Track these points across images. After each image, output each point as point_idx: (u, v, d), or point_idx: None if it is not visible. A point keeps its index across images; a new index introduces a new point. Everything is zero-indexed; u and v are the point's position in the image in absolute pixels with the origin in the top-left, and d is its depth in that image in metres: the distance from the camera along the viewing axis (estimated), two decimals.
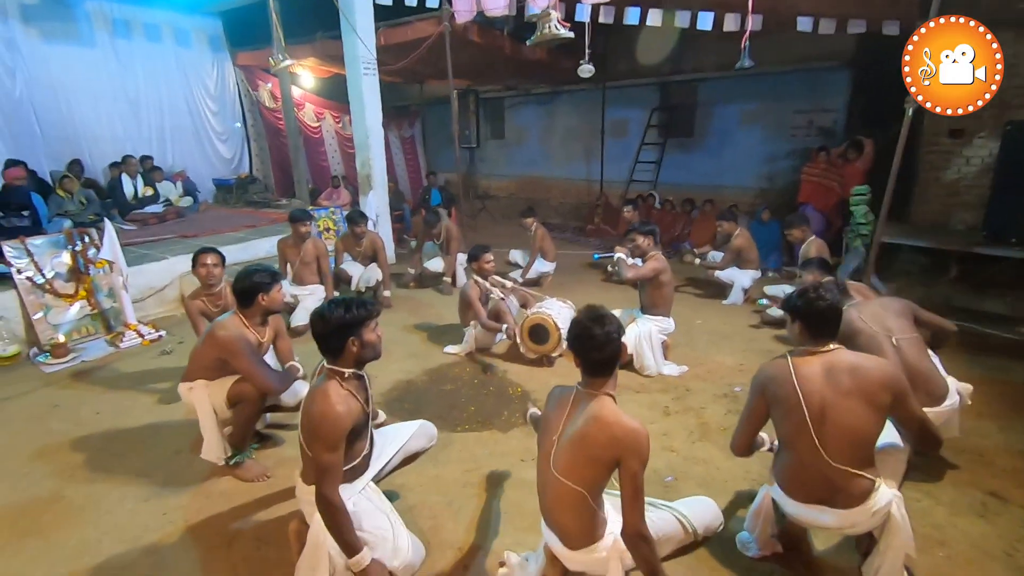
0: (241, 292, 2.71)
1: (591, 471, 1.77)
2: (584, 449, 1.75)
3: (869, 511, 1.96)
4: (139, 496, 2.67)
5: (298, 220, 4.80)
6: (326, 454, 1.93)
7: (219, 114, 9.36)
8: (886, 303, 2.78)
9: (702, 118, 9.96)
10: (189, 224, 7.07)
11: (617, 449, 1.71)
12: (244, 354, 2.60)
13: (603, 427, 1.74)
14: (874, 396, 1.91)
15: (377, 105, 6.83)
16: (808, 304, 2.00)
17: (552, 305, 4.20)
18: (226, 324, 2.69)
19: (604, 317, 1.80)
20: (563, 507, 1.81)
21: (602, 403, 1.79)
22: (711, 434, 3.19)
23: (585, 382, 1.85)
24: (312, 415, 1.95)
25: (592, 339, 1.77)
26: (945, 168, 6.45)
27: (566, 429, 1.84)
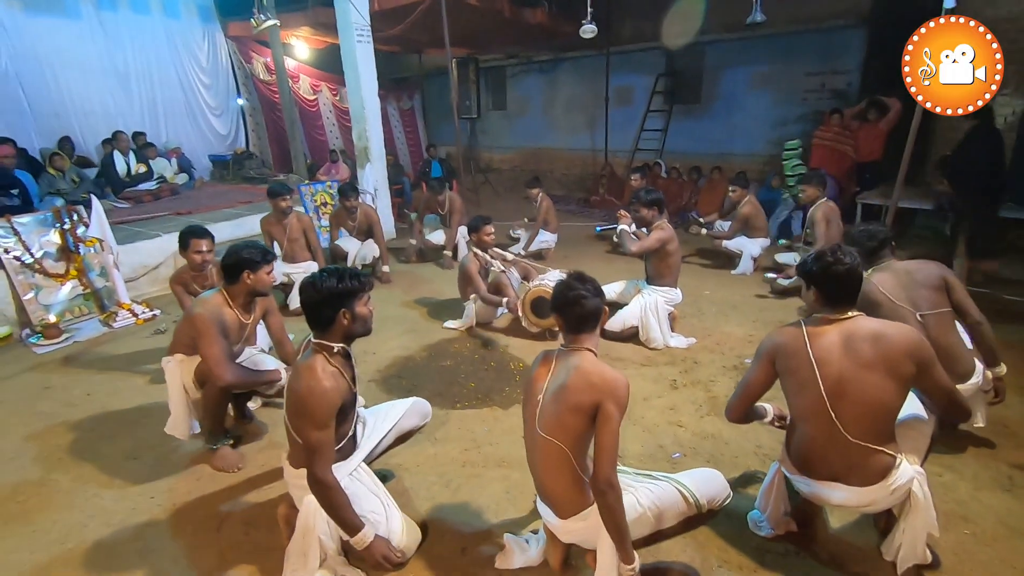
0: (227, 267, 2.55)
1: (572, 421, 1.70)
2: (564, 400, 1.71)
3: (888, 488, 1.83)
4: (127, 478, 2.58)
5: (277, 195, 4.53)
6: (315, 432, 1.82)
7: (212, 88, 9.12)
8: (913, 270, 2.53)
9: (709, 83, 9.62)
10: (184, 201, 6.92)
11: (595, 394, 1.66)
12: (209, 336, 2.44)
13: (581, 375, 1.70)
14: (897, 366, 1.76)
15: (372, 74, 6.59)
16: (825, 269, 1.84)
17: (555, 277, 4.04)
18: (206, 301, 2.55)
19: (583, 276, 1.83)
20: (550, 469, 1.77)
21: (582, 356, 1.76)
22: (720, 408, 3.06)
23: (567, 340, 1.82)
24: (298, 392, 1.84)
25: (570, 295, 1.77)
26: (961, 130, 6.16)
27: (548, 387, 1.77)
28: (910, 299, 2.44)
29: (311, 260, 4.76)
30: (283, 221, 4.60)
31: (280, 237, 4.62)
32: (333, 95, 10.44)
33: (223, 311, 2.56)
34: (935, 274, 2.49)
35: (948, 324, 2.47)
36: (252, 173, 8.64)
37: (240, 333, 2.66)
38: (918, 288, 2.45)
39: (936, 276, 2.48)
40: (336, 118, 10.58)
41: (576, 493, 1.75)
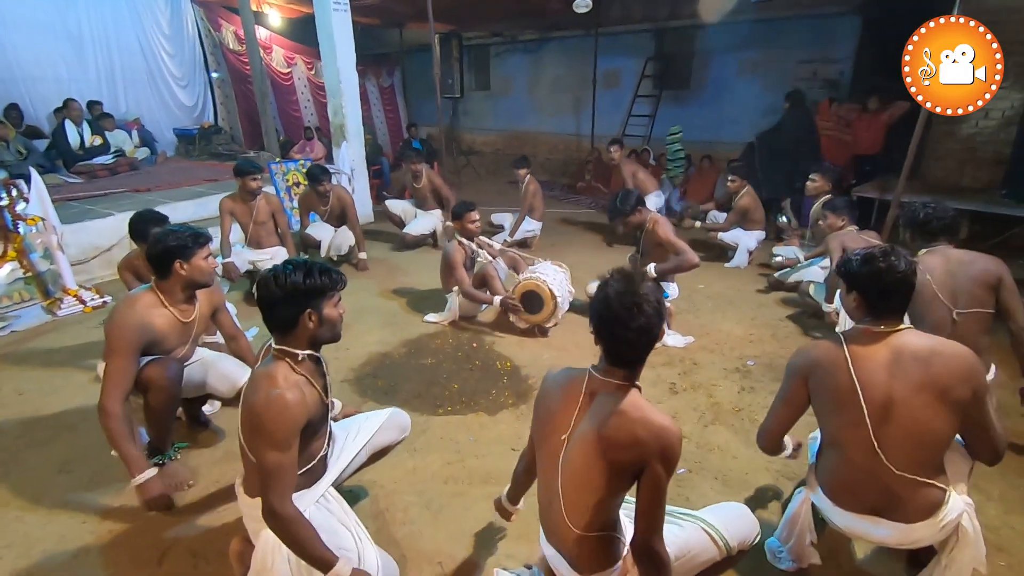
0: (154, 259, 2.17)
1: (608, 479, 1.37)
2: (600, 452, 1.35)
3: (938, 525, 1.61)
4: (56, 497, 2.24)
5: (246, 173, 4.10)
6: (272, 453, 1.51)
7: (176, 56, 8.52)
8: (968, 261, 2.30)
9: (699, 68, 9.37)
10: (143, 177, 6.43)
11: (640, 451, 1.32)
12: (116, 352, 2.06)
13: (625, 425, 1.33)
14: (951, 390, 1.52)
15: (350, 45, 6.16)
16: (874, 274, 1.58)
17: (546, 269, 3.76)
18: (132, 302, 2.16)
19: (639, 293, 1.33)
20: (574, 525, 1.43)
21: (625, 394, 1.38)
22: (724, 415, 2.84)
23: (604, 368, 1.43)
24: (254, 406, 1.52)
25: (623, 325, 1.32)
26: (962, 122, 6.02)
27: (577, 427, 1.43)
28: (952, 292, 2.25)
29: (279, 246, 4.39)
30: (250, 202, 4.20)
31: (245, 220, 4.22)
32: (309, 69, 9.91)
33: (152, 315, 2.17)
34: (991, 271, 2.28)
35: (982, 326, 2.27)
36: (220, 149, 8.14)
37: (183, 335, 2.30)
38: (965, 282, 2.25)
39: (991, 273, 2.27)
40: (312, 93, 10.06)
41: (604, 551, 1.45)
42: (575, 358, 3.44)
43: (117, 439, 2.01)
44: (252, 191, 4.12)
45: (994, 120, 5.85)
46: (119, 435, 2.01)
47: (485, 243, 3.97)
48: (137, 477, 2.00)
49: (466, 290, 3.68)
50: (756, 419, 2.80)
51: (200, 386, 2.38)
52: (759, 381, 3.15)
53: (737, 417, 2.82)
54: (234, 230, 4.26)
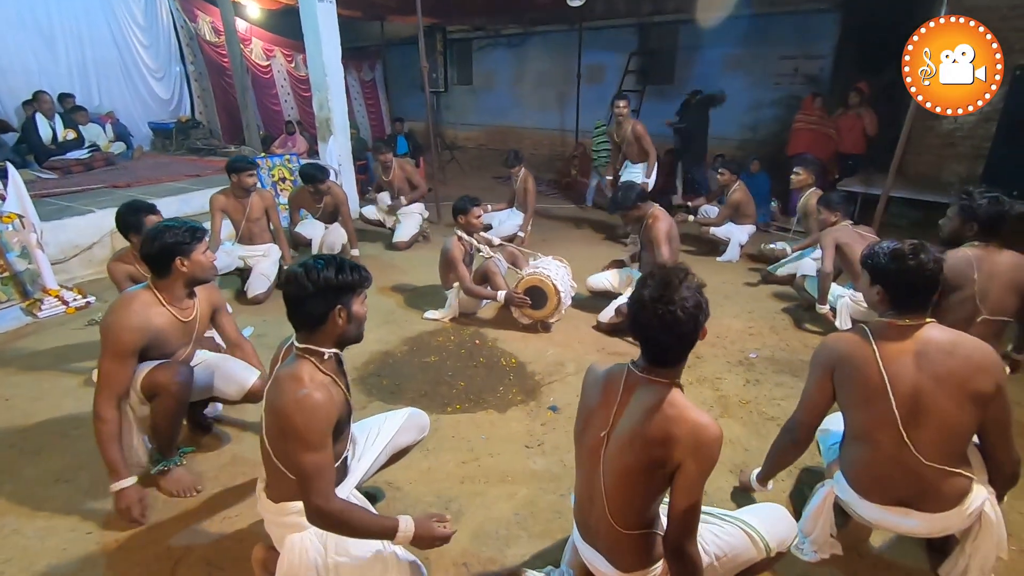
0: (151, 258, 2.08)
1: (648, 479, 1.37)
2: (637, 450, 1.35)
3: (964, 513, 1.64)
4: (56, 507, 2.14)
5: (242, 170, 3.98)
6: (309, 455, 1.46)
7: (151, 48, 8.24)
8: (1012, 266, 2.28)
9: (683, 64, 9.43)
10: (120, 173, 6.21)
11: (676, 449, 1.31)
12: (113, 355, 1.98)
13: (663, 422, 1.32)
14: (974, 382, 1.54)
15: (335, 37, 6.03)
16: (902, 270, 1.59)
17: (548, 264, 3.73)
18: (130, 301, 2.07)
19: (674, 299, 1.29)
20: (617, 523, 1.41)
21: (666, 393, 1.36)
22: (733, 408, 2.86)
23: (643, 365, 1.41)
24: (283, 408, 1.47)
25: (657, 329, 1.30)
26: (942, 117, 6.15)
27: (617, 424, 1.41)
28: (985, 295, 2.26)
29: (271, 242, 4.28)
30: (243, 199, 4.07)
31: (238, 217, 4.09)
32: (288, 62, 9.70)
33: (151, 314, 2.08)
34: None
35: (999, 332, 2.31)
36: (199, 144, 7.91)
37: (184, 335, 2.22)
38: (1000, 287, 2.27)
39: None
40: (292, 87, 9.85)
41: (645, 547, 1.45)
42: (578, 354, 3.43)
43: (104, 443, 1.97)
44: (247, 187, 4.01)
45: (973, 116, 5.99)
46: (107, 439, 1.97)
47: (484, 239, 3.93)
48: (116, 483, 1.98)
49: (468, 286, 3.63)
50: (763, 411, 2.83)
51: (206, 389, 2.29)
52: (763, 373, 3.18)
53: (745, 410, 2.85)
54: (224, 227, 4.13)
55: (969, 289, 2.27)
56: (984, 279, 2.28)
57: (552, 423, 2.72)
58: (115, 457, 1.97)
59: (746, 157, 7.33)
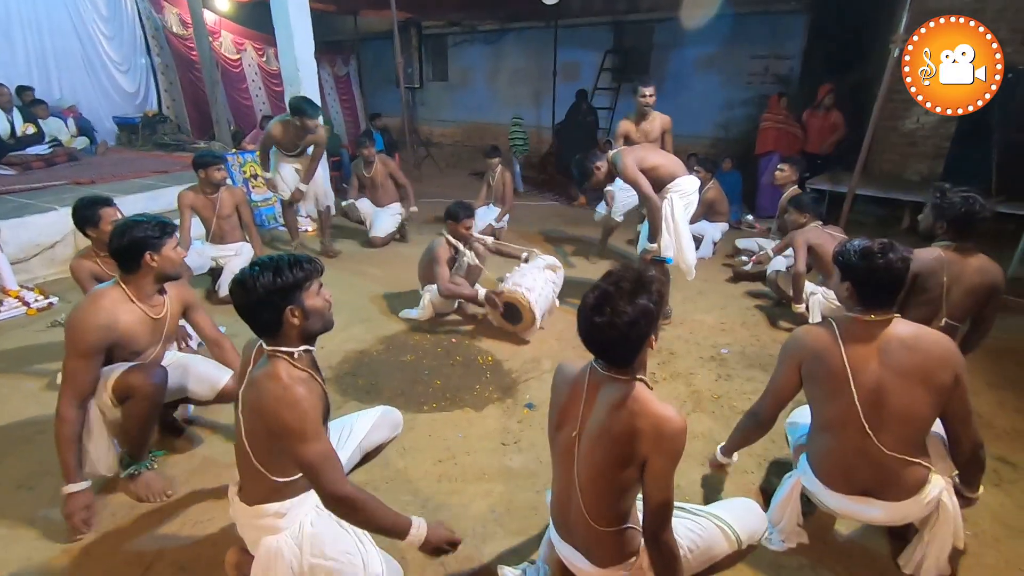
0: (121, 254, 2.03)
1: (620, 475, 1.39)
2: (605, 448, 1.38)
3: (923, 502, 1.71)
4: (18, 515, 2.08)
5: (209, 165, 3.88)
6: (310, 446, 1.45)
7: (115, 39, 7.99)
8: (981, 269, 2.30)
9: (658, 62, 9.51)
10: (84, 168, 6.01)
11: (643, 443, 1.34)
12: (75, 351, 1.94)
13: (627, 418, 1.35)
14: (934, 375, 1.61)
15: (308, 31, 5.92)
16: (870, 267, 1.64)
17: (535, 276, 3.61)
18: (97, 299, 2.02)
19: (618, 303, 1.30)
20: (594, 521, 1.44)
21: (628, 388, 1.39)
22: (704, 403, 2.92)
23: (605, 364, 1.44)
24: (268, 407, 1.45)
25: (598, 337, 1.34)
26: (904, 117, 6.36)
27: (586, 423, 1.44)
28: (950, 299, 2.32)
29: (243, 240, 4.20)
30: (212, 195, 3.97)
31: (208, 214, 3.99)
32: (259, 56, 9.49)
33: (119, 312, 2.03)
34: (989, 283, 2.30)
35: (957, 335, 2.39)
36: (167, 139, 7.70)
37: (155, 334, 2.17)
38: (963, 291, 2.32)
39: (990, 286, 2.31)
40: (263, 81, 9.64)
41: (622, 542, 1.47)
42: (555, 350, 3.45)
43: (62, 444, 1.94)
44: (216, 183, 3.91)
45: (934, 116, 6.17)
46: (65, 440, 1.94)
47: (478, 239, 3.87)
48: (68, 487, 1.95)
49: (446, 287, 3.60)
50: (734, 406, 2.89)
51: (178, 390, 2.24)
52: (734, 369, 3.25)
53: (717, 404, 2.91)
54: (195, 225, 4.04)
55: (936, 291, 2.32)
56: (951, 282, 2.32)
57: (529, 420, 2.74)
58: (71, 459, 1.93)
59: (719, 155, 7.45)
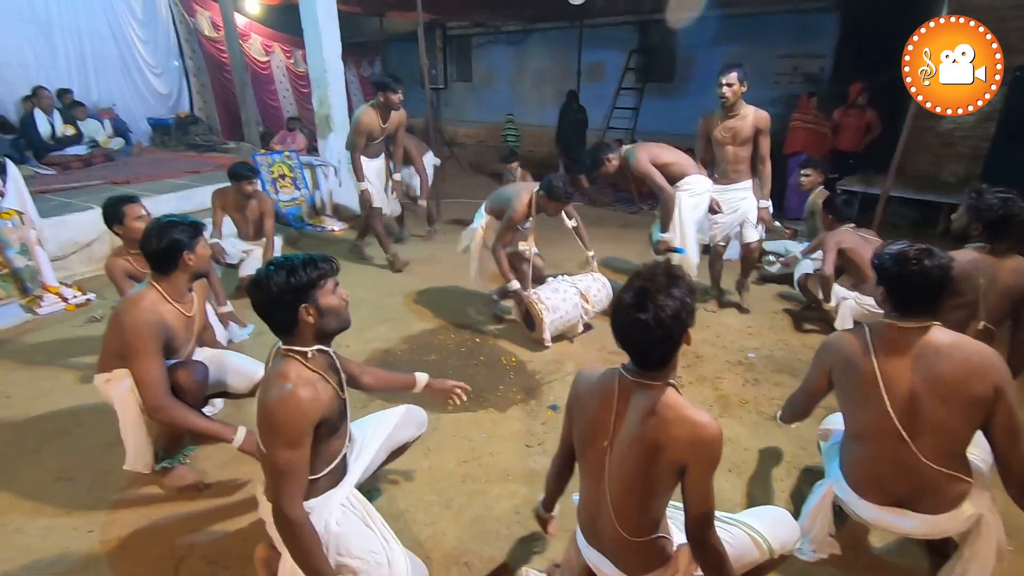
0: (159, 255, 2.08)
1: (655, 484, 1.36)
2: (641, 457, 1.35)
3: (961, 516, 1.65)
4: (57, 507, 2.15)
5: (243, 178, 3.92)
6: (283, 451, 1.46)
7: (150, 43, 8.22)
8: (1019, 271, 2.21)
9: (683, 62, 9.44)
10: (120, 168, 6.19)
11: (679, 452, 1.31)
12: (145, 355, 1.98)
13: (661, 426, 1.32)
14: (969, 385, 1.53)
15: (335, 33, 6.01)
16: (905, 273, 1.58)
17: (558, 297, 3.49)
18: (138, 300, 2.06)
19: (653, 305, 1.26)
20: (625, 531, 1.42)
21: (660, 395, 1.35)
22: (732, 408, 2.87)
23: (634, 369, 1.40)
24: (267, 404, 1.48)
25: (636, 335, 1.29)
26: (940, 117, 6.14)
27: (618, 432, 1.42)
28: (986, 301, 2.25)
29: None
30: (243, 202, 4.07)
31: (237, 216, 4.14)
32: (287, 57, 9.68)
33: (161, 311, 2.08)
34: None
35: (990, 340, 2.29)
36: (198, 140, 7.89)
37: (188, 331, 2.22)
38: (997, 294, 2.25)
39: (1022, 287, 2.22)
40: (290, 83, 9.83)
41: (653, 551, 1.44)
42: (578, 352, 3.44)
43: (189, 422, 2.02)
44: (246, 195, 4.00)
45: (972, 115, 5.99)
46: (187, 418, 2.02)
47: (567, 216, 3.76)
48: (235, 437, 2.03)
49: (499, 247, 3.45)
50: (762, 411, 2.84)
51: (217, 384, 2.29)
52: (762, 373, 3.19)
53: (744, 409, 2.86)
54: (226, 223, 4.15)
55: (972, 295, 2.24)
56: (987, 285, 2.24)
57: (552, 422, 2.73)
58: (210, 425, 2.05)
59: None
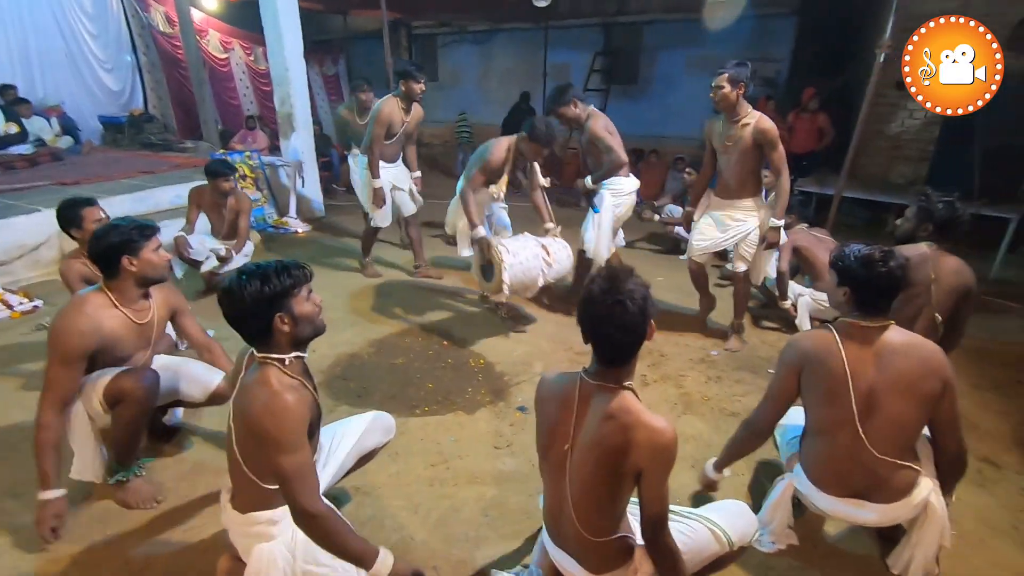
0: (98, 257, 2.01)
1: (614, 485, 1.40)
2: (601, 460, 1.38)
3: (912, 504, 1.74)
4: (5, 524, 2.05)
5: (219, 175, 3.87)
6: (288, 457, 1.44)
7: (100, 38, 7.90)
8: (959, 271, 2.34)
9: (647, 64, 9.59)
10: (69, 168, 5.93)
11: (637, 456, 1.35)
12: (59, 363, 1.91)
13: (621, 430, 1.36)
14: (924, 382, 1.65)
15: (297, 31, 5.89)
16: (870, 274, 1.66)
17: (519, 245, 3.47)
18: (79, 305, 1.98)
19: (622, 291, 1.32)
20: (587, 532, 1.45)
21: (619, 399, 1.39)
22: (695, 405, 2.94)
23: (595, 371, 1.43)
24: (255, 414, 1.44)
25: (608, 322, 1.33)
26: (890, 121, 6.45)
27: (578, 435, 1.44)
28: (935, 293, 2.35)
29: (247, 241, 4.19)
30: (220, 201, 4.00)
31: (212, 214, 4.08)
32: (247, 55, 9.42)
33: (102, 317, 2.00)
34: (964, 284, 2.33)
35: (936, 329, 2.41)
36: (153, 138, 7.61)
37: (140, 339, 2.14)
38: (942, 290, 2.36)
39: (965, 287, 2.33)
40: (251, 81, 9.58)
41: (615, 550, 1.48)
42: (545, 352, 3.47)
43: (41, 450, 1.90)
44: (224, 192, 3.93)
45: (918, 120, 6.30)
46: (44, 446, 1.90)
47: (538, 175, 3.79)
48: (44, 493, 1.90)
49: (467, 192, 3.45)
50: (724, 407, 2.92)
51: (170, 393, 2.22)
52: (724, 371, 3.28)
53: (707, 406, 2.93)
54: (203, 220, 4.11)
55: (925, 284, 2.34)
56: (935, 279, 2.35)
57: (521, 423, 2.74)
58: (48, 466, 1.89)
59: None
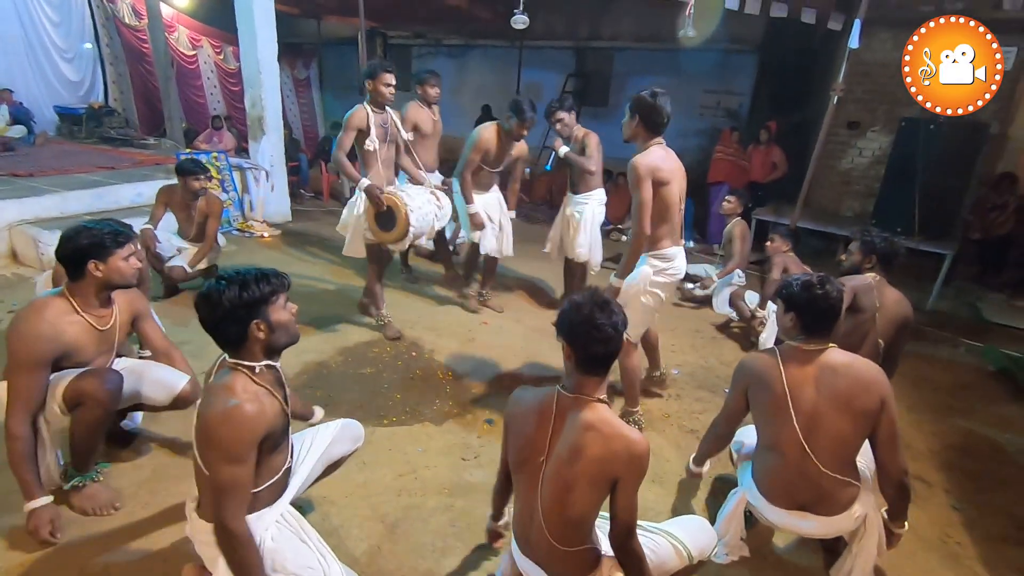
0: (64, 259, 1.98)
1: (589, 496, 1.47)
2: (580, 470, 1.45)
3: (852, 517, 1.87)
4: None
5: (190, 173, 3.81)
6: (228, 467, 1.46)
7: (62, 25, 7.65)
8: (899, 302, 2.56)
9: (617, 88, 9.88)
10: (21, 160, 5.69)
11: (614, 467, 1.44)
12: (21, 370, 1.87)
13: (598, 442, 1.44)
14: (861, 399, 1.79)
15: (272, 32, 5.85)
16: (811, 299, 1.81)
17: (415, 193, 3.51)
18: (39, 309, 1.94)
19: (609, 304, 1.49)
20: (557, 542, 1.51)
21: (595, 410, 1.48)
22: (655, 422, 3.05)
23: (572, 384, 1.52)
24: (210, 419, 1.46)
25: (597, 329, 1.43)
26: (841, 157, 6.86)
27: (554, 448, 1.51)
28: (882, 326, 2.53)
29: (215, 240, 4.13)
30: (191, 201, 3.94)
31: (181, 214, 4.02)
32: (216, 53, 9.27)
33: (63, 323, 1.96)
34: (903, 315, 2.55)
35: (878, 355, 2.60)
36: (113, 133, 7.38)
37: (101, 344, 2.10)
38: (884, 319, 2.55)
39: (904, 317, 2.54)
40: (219, 80, 9.41)
41: (583, 560, 1.54)
42: (513, 365, 3.53)
43: (17, 462, 1.87)
44: (193, 191, 3.87)
45: (866, 158, 6.73)
46: (20, 457, 1.87)
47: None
48: (31, 503, 1.89)
49: (340, 153, 3.35)
50: (684, 424, 3.04)
51: (132, 396, 2.16)
52: (684, 389, 3.41)
53: (667, 423, 3.05)
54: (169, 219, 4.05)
55: (871, 311, 2.54)
56: (879, 307, 2.56)
57: (488, 435, 2.79)
58: (29, 476, 1.87)
59: None
